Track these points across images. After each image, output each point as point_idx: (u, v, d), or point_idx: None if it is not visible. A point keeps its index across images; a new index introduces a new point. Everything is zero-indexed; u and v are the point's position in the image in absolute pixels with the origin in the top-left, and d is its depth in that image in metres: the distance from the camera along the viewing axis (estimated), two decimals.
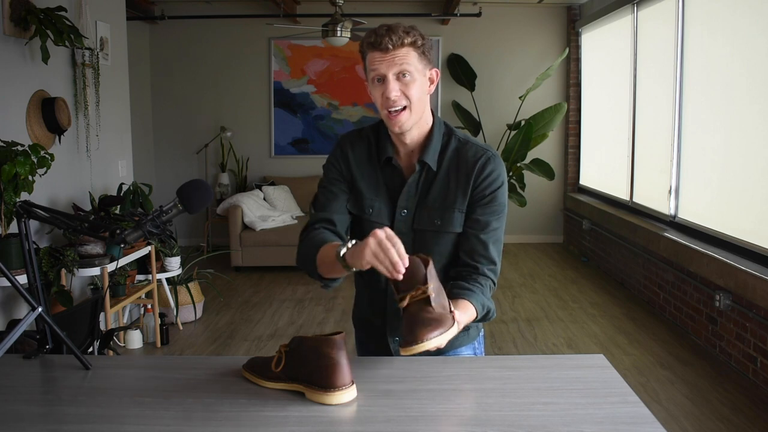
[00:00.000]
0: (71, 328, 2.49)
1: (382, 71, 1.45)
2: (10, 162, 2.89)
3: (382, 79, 1.46)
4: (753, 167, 3.60)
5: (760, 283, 3.25)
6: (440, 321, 1.26)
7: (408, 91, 1.46)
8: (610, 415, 1.17)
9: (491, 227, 1.53)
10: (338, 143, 1.63)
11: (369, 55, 1.47)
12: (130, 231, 1.37)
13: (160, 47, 7.06)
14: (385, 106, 1.47)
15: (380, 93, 1.47)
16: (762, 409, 3.15)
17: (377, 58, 1.45)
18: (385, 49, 1.44)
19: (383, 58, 1.45)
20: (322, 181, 1.63)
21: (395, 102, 1.46)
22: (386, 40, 1.43)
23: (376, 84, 1.48)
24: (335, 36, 5.41)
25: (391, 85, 1.45)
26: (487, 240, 1.53)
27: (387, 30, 1.45)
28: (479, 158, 1.53)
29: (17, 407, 1.20)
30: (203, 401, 1.22)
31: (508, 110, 6.89)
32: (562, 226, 7.31)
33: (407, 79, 1.46)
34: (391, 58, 1.44)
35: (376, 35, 1.45)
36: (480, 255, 1.52)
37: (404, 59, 1.44)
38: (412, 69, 1.46)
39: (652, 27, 5.07)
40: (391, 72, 1.45)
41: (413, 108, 1.48)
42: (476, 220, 1.53)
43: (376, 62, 1.46)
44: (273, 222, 6.08)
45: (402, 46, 1.44)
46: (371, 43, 1.46)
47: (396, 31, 1.44)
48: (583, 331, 4.35)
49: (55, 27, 3.26)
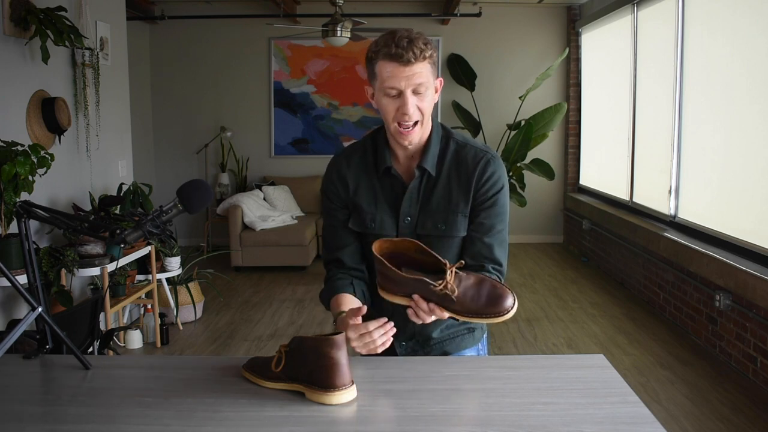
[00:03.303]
0: (71, 328, 2.49)
1: (399, 86, 1.40)
2: (10, 162, 2.89)
3: (398, 94, 1.42)
4: (753, 167, 3.60)
5: (760, 283, 3.24)
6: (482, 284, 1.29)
7: (422, 105, 1.44)
8: (610, 415, 1.17)
9: (496, 229, 1.53)
10: (332, 163, 1.62)
11: (383, 64, 1.41)
12: (130, 231, 1.37)
13: (160, 47, 7.06)
14: (399, 120, 1.44)
15: (395, 107, 1.43)
16: (762, 409, 3.15)
17: (395, 70, 1.39)
18: (406, 63, 1.38)
19: (402, 73, 1.39)
20: (324, 209, 1.63)
21: (412, 117, 1.43)
22: (410, 54, 1.38)
23: (390, 97, 1.43)
24: (335, 36, 5.40)
25: (409, 101, 1.41)
26: (492, 242, 1.52)
27: (409, 43, 1.38)
28: (479, 161, 1.52)
29: (17, 407, 1.20)
30: (203, 401, 1.22)
31: (508, 110, 6.89)
32: (562, 226, 7.31)
33: (422, 93, 1.43)
34: (411, 74, 1.39)
35: (396, 47, 1.38)
36: (485, 257, 1.52)
37: (422, 74, 1.40)
38: (427, 83, 1.42)
39: (652, 27, 5.07)
40: (409, 88, 1.40)
41: (424, 121, 1.47)
42: (480, 223, 1.52)
43: (393, 75, 1.40)
44: (273, 222, 6.08)
45: (423, 60, 1.40)
46: (390, 54, 1.39)
47: (417, 44, 1.39)
48: (583, 331, 4.35)
49: (55, 27, 3.26)
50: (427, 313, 1.30)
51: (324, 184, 1.62)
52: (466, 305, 1.27)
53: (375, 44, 1.44)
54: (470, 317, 1.28)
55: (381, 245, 1.38)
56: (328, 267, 1.62)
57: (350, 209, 1.58)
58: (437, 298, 1.29)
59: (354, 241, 1.60)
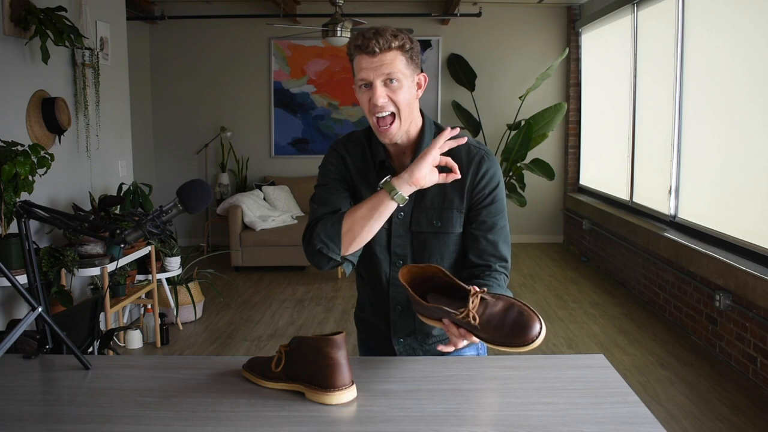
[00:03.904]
0: (71, 328, 2.49)
1: (368, 77, 1.42)
2: (10, 162, 2.89)
3: (369, 85, 1.43)
4: (753, 167, 3.60)
5: (760, 283, 3.24)
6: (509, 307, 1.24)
7: (395, 97, 1.43)
8: (610, 415, 1.17)
9: (498, 226, 1.53)
10: (334, 147, 1.61)
11: (356, 59, 1.44)
12: (130, 231, 1.37)
13: (160, 47, 7.06)
14: (372, 113, 1.45)
15: (367, 98, 1.44)
16: (762, 409, 3.15)
17: (364, 62, 1.42)
18: (372, 53, 1.40)
19: (370, 64, 1.41)
20: (320, 180, 1.59)
21: (382, 108, 1.43)
22: (373, 43, 1.39)
23: (363, 89, 1.45)
24: (335, 36, 5.41)
25: (378, 91, 1.42)
26: (496, 239, 1.53)
27: (374, 33, 1.41)
28: (473, 158, 1.52)
29: (17, 407, 1.20)
30: (203, 401, 1.22)
31: (508, 110, 6.89)
32: (562, 226, 7.31)
33: (394, 84, 1.43)
34: (379, 64, 1.40)
35: (363, 38, 1.41)
36: (490, 254, 1.52)
37: (391, 64, 1.41)
38: (399, 74, 1.42)
39: (652, 27, 5.07)
40: (378, 78, 1.41)
41: (402, 115, 1.46)
42: (483, 221, 1.52)
43: (362, 67, 1.42)
44: (273, 222, 6.08)
45: (389, 50, 1.40)
46: (358, 46, 1.42)
47: (383, 35, 1.40)
48: (583, 331, 4.35)
49: (55, 27, 3.26)
50: (458, 338, 1.26)
51: (325, 160, 1.60)
52: (490, 333, 1.22)
53: (349, 41, 1.46)
54: (495, 345, 1.23)
55: (410, 270, 1.37)
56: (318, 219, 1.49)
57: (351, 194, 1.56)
58: (463, 324, 1.25)
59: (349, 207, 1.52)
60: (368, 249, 1.56)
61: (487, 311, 1.23)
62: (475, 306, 1.23)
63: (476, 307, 1.23)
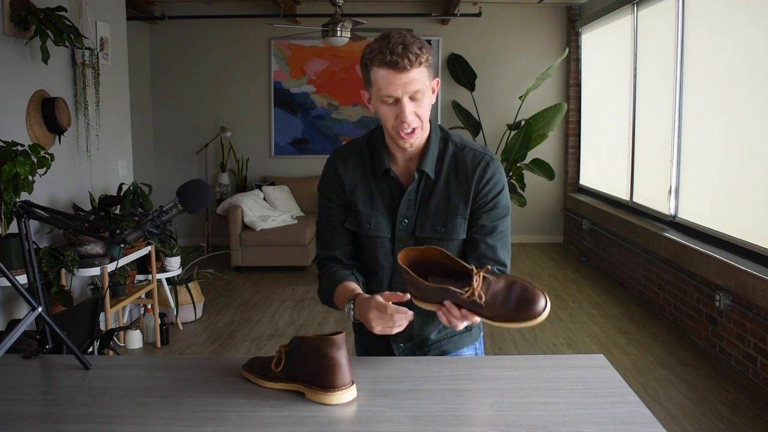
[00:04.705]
0: (71, 328, 2.49)
1: (396, 93, 1.38)
2: (10, 162, 2.89)
3: (395, 101, 1.40)
4: (753, 167, 3.60)
5: (760, 283, 3.24)
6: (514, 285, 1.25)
7: (420, 111, 1.42)
8: (610, 415, 1.17)
9: (498, 230, 1.53)
10: (329, 161, 1.60)
11: (378, 71, 1.39)
12: (130, 231, 1.36)
13: (160, 47, 7.06)
14: (398, 128, 1.43)
15: (393, 114, 1.42)
16: (762, 409, 3.15)
17: (391, 78, 1.37)
18: (401, 70, 1.36)
19: (398, 80, 1.37)
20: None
21: (410, 124, 1.42)
22: (405, 61, 1.35)
23: (388, 104, 1.41)
24: (335, 36, 5.41)
25: (407, 108, 1.39)
26: (496, 243, 1.53)
27: (404, 49, 1.35)
28: (478, 164, 1.52)
29: (17, 407, 1.20)
30: (203, 401, 1.22)
31: (508, 110, 6.89)
32: (562, 226, 7.31)
33: (419, 99, 1.41)
34: (408, 80, 1.37)
35: (391, 54, 1.35)
36: (489, 258, 1.52)
37: (419, 80, 1.38)
38: (423, 88, 1.40)
39: (652, 27, 5.07)
40: (406, 95, 1.38)
41: (424, 125, 1.46)
42: (483, 225, 1.52)
43: (389, 83, 1.37)
44: (273, 222, 6.08)
45: (419, 66, 1.37)
46: (386, 62, 1.36)
47: (412, 50, 1.35)
48: (583, 331, 4.35)
49: (55, 27, 3.26)
50: (459, 319, 1.27)
51: (321, 183, 1.61)
52: (496, 310, 1.23)
53: (369, 50, 1.41)
54: (501, 322, 1.24)
55: (407, 254, 1.35)
56: (324, 263, 1.61)
57: (347, 209, 1.58)
58: (467, 304, 1.26)
59: (351, 241, 1.60)
60: (371, 255, 1.57)
61: (490, 289, 1.24)
62: (479, 284, 1.24)
63: (480, 285, 1.24)
